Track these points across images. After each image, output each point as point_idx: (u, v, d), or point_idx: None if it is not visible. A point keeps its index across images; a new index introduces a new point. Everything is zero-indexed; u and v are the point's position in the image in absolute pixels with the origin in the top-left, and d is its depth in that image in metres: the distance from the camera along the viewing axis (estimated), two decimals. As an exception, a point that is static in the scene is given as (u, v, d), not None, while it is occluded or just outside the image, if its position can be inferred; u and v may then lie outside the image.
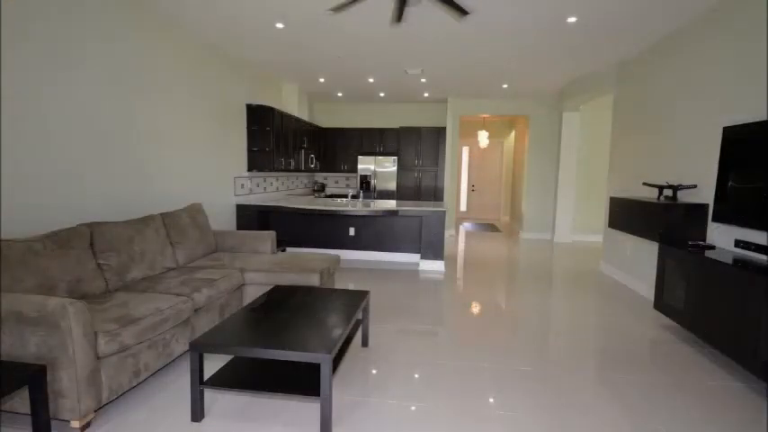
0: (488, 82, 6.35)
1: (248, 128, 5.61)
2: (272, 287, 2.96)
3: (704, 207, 3.30)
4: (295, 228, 5.67)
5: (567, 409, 2.18)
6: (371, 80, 6.42)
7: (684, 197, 3.59)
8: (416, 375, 2.50)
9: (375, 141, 8.33)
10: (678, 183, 3.63)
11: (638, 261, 4.44)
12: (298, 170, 6.86)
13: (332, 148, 8.43)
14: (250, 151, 5.66)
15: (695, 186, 3.45)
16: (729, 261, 2.65)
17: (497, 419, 2.07)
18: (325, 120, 8.70)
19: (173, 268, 3.25)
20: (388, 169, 8.19)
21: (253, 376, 2.10)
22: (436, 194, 8.11)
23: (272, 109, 5.64)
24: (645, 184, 3.98)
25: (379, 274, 4.85)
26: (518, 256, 6.24)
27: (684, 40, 3.76)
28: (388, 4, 3.48)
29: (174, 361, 2.58)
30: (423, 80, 6.32)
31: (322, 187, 8.38)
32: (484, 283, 4.70)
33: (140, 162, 3.62)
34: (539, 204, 7.73)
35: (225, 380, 2.05)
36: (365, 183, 8.22)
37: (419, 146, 8.05)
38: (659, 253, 3.37)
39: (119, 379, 2.04)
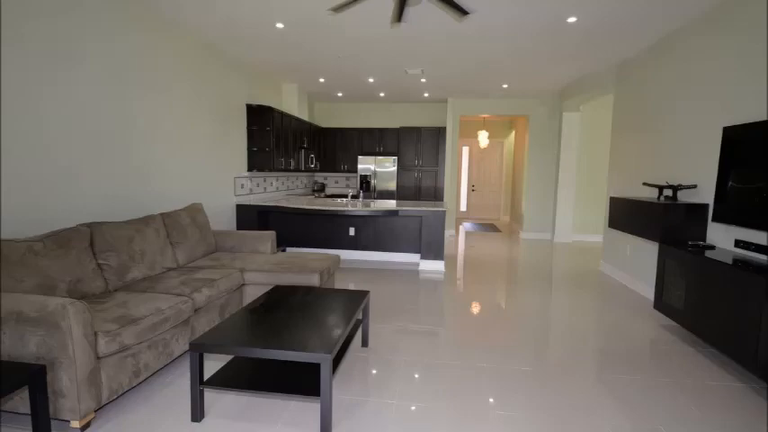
0: (488, 82, 6.35)
1: (248, 128, 5.62)
2: (272, 287, 2.96)
3: (704, 207, 3.30)
4: (295, 228, 5.67)
5: (567, 409, 2.18)
6: (371, 80, 6.42)
7: (684, 197, 3.60)
8: (416, 375, 2.50)
9: (375, 141, 8.33)
10: (678, 183, 3.63)
11: (638, 261, 4.44)
12: (298, 170, 6.86)
13: (332, 148, 8.43)
14: (250, 151, 5.66)
15: (695, 186, 3.45)
16: (729, 261, 2.65)
17: (497, 419, 2.07)
18: (325, 120, 8.70)
19: (173, 268, 3.25)
20: (388, 169, 8.18)
21: (253, 376, 2.10)
22: (436, 194, 8.10)
23: (271, 109, 5.64)
24: (645, 184, 3.98)
25: (379, 274, 4.85)
26: (518, 256, 6.24)
27: (684, 40, 3.76)
28: (388, 4, 3.48)
29: (174, 361, 2.59)
30: (423, 80, 6.32)
31: (322, 187, 8.38)
32: (484, 283, 4.70)
33: (140, 162, 3.62)
34: (539, 204, 7.73)
35: (225, 380, 2.05)
36: (365, 183, 8.21)
37: (419, 146, 8.05)
38: (659, 253, 3.37)
39: (119, 379, 2.04)
